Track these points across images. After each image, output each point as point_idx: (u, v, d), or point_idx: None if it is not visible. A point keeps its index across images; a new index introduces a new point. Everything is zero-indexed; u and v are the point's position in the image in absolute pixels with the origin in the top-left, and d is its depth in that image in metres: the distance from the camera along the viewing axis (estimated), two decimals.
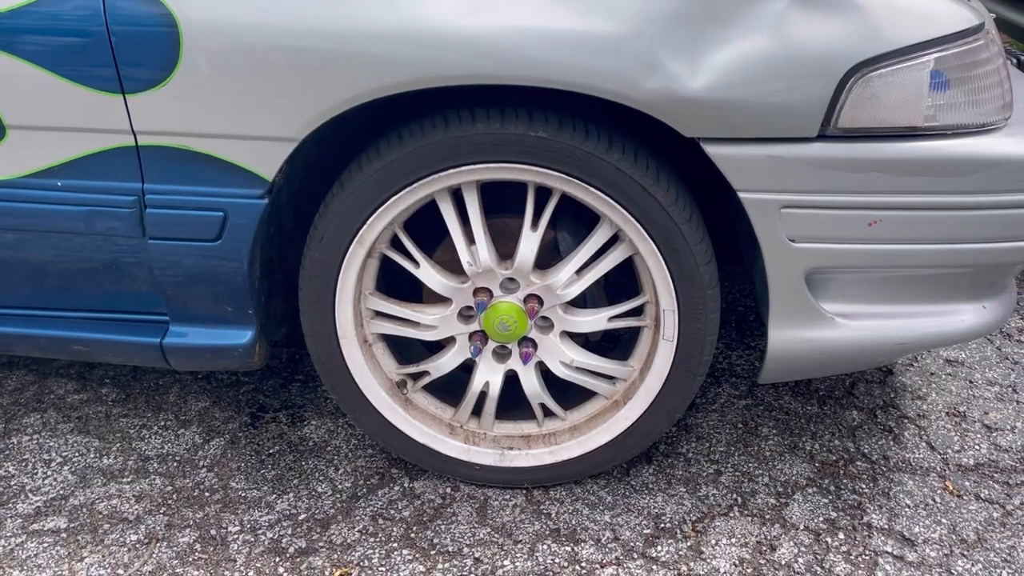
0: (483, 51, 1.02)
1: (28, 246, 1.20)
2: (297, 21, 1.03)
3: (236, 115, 1.07)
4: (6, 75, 1.07)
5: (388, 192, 1.13)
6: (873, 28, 1.04)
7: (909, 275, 1.18)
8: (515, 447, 1.31)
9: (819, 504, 1.30)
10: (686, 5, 1.02)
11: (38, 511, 1.28)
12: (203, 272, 1.18)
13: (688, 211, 1.13)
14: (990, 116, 1.10)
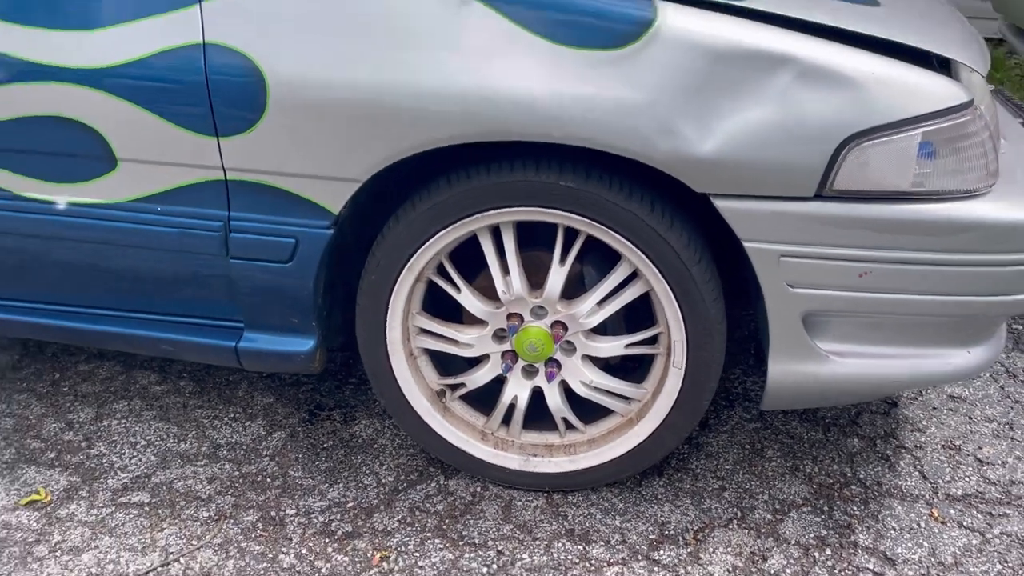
0: (526, 114, 1.18)
1: (129, 259, 1.40)
2: (368, 80, 1.21)
3: (310, 158, 1.26)
4: (120, 116, 1.27)
5: (436, 227, 1.30)
6: (867, 102, 1.18)
7: (898, 321, 1.31)
8: (539, 454, 1.47)
9: (811, 522, 1.43)
10: (699, 78, 1.17)
11: (125, 486, 1.48)
12: (275, 288, 1.37)
13: (698, 254, 1.28)
14: (974, 184, 1.23)
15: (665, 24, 1.18)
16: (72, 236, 1.38)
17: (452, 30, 1.20)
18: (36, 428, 1.62)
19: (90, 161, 1.31)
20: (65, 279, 1.46)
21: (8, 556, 1.33)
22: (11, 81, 1.28)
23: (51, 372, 1.79)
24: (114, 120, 1.27)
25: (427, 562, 1.34)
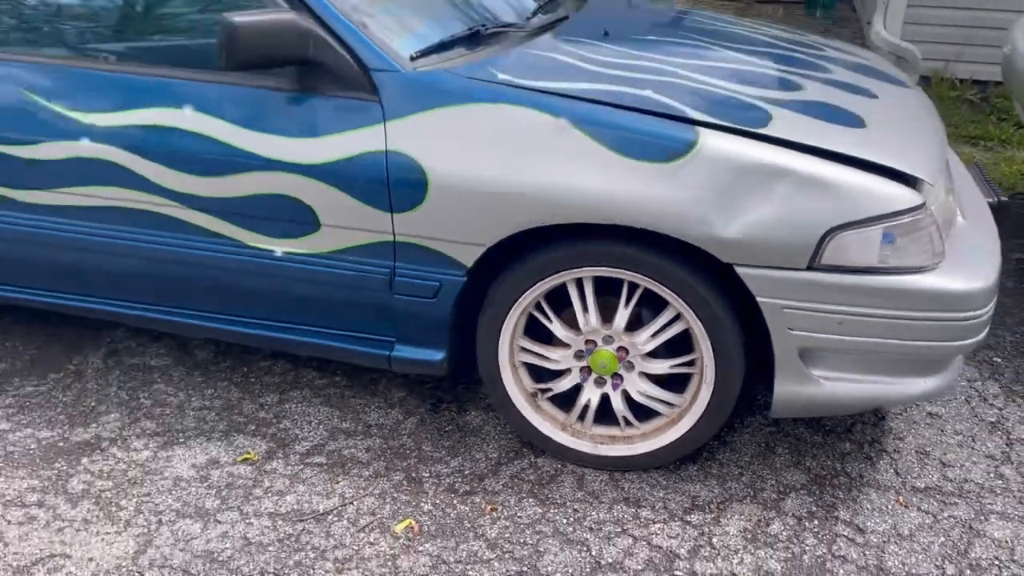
0: (605, 204, 1.72)
1: (321, 291, 1.98)
2: (496, 179, 1.76)
3: (454, 229, 1.82)
4: (326, 196, 1.85)
5: (537, 278, 1.85)
6: (845, 204, 1.68)
7: (870, 356, 1.80)
8: (604, 443, 2.01)
9: (806, 501, 1.94)
10: (726, 184, 1.69)
11: (308, 451, 2.08)
12: (422, 316, 1.93)
13: (724, 305, 1.80)
14: (924, 262, 1.72)
15: (704, 145, 1.71)
16: (283, 275, 1.97)
17: (555, 145, 1.75)
18: (238, 408, 2.23)
19: (302, 225, 1.89)
20: (275, 304, 2.05)
21: (235, 496, 1.93)
22: (250, 170, 1.87)
23: (240, 367, 2.40)
24: (321, 198, 1.85)
25: (523, 514, 1.89)
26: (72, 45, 2.02)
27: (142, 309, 2.16)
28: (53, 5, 2.05)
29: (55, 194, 2.01)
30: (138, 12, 2.05)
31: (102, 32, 2.04)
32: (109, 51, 1.98)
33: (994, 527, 1.88)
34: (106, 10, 2.07)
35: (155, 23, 2.06)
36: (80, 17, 2.04)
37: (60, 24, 2.03)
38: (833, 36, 6.59)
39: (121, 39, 2.01)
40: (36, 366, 2.40)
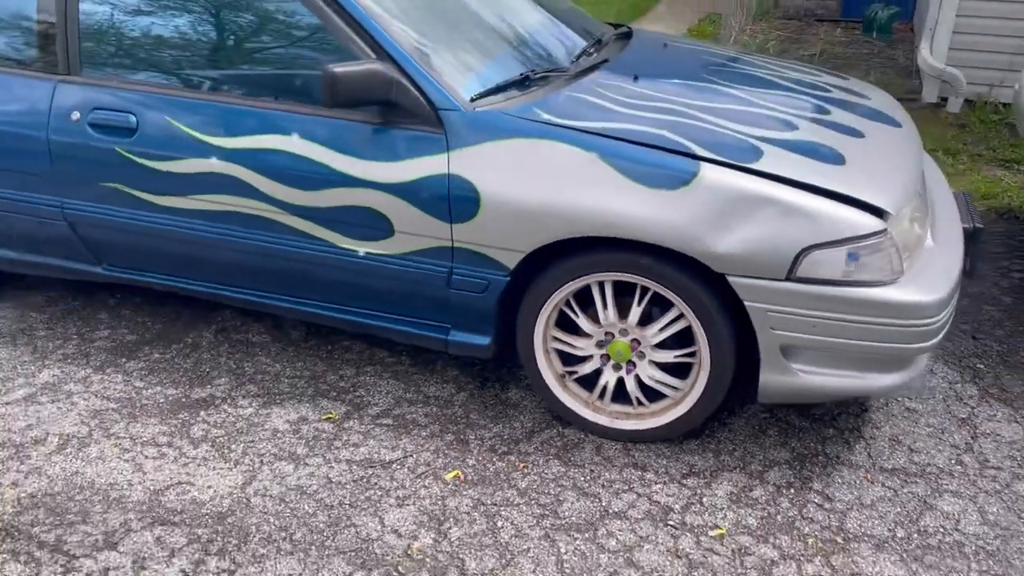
0: (625, 223, 2.14)
1: (394, 284, 2.44)
2: (535, 198, 2.19)
3: (500, 238, 2.26)
4: (400, 208, 2.31)
5: (567, 280, 2.28)
6: (818, 228, 2.07)
7: (840, 354, 2.18)
8: (620, 418, 2.43)
9: (786, 473, 2.32)
10: (721, 209, 2.09)
11: (378, 414, 2.55)
12: (473, 307, 2.38)
13: (719, 307, 2.20)
14: (884, 277, 2.09)
15: (705, 177, 2.12)
16: (363, 270, 2.44)
17: (585, 174, 2.17)
18: (323, 378, 2.72)
19: (380, 231, 2.36)
20: (356, 294, 2.52)
21: (320, 445, 2.41)
22: (342, 186, 2.34)
23: (325, 345, 2.89)
24: (396, 210, 2.32)
25: (549, 471, 2.33)
26: (205, 83, 2.52)
27: (250, 294, 2.66)
28: (189, 53, 2.56)
29: (187, 200, 2.52)
30: (257, 59, 2.54)
31: (228, 73, 2.53)
32: (234, 88, 2.48)
33: (946, 502, 2.23)
34: (231, 57, 2.57)
35: (270, 67, 2.55)
36: (210, 62, 2.55)
37: (194, 66, 2.54)
38: (886, 56, 6.84)
39: (243, 79, 2.51)
40: (161, 338, 2.94)
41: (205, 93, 2.49)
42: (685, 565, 2.03)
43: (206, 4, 2.51)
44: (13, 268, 2.95)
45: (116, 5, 2.57)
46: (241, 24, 2.49)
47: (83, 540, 2.09)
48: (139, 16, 2.56)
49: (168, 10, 2.53)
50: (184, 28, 2.52)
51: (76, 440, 2.43)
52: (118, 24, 2.58)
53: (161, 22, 2.53)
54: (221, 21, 2.50)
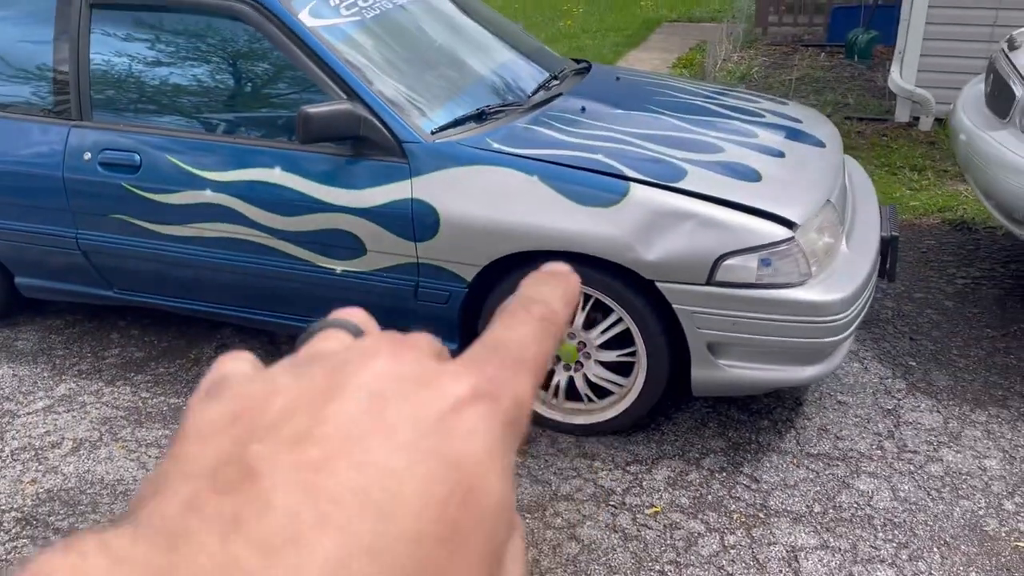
0: (563, 237, 2.43)
1: (366, 298, 2.74)
2: (485, 217, 2.49)
3: (458, 253, 2.55)
4: (370, 230, 2.61)
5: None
6: (732, 237, 2.34)
7: (760, 349, 2.44)
8: (572, 414, 2.70)
9: (721, 460, 2.58)
10: (648, 222, 2.37)
11: None
12: (438, 317, 2.67)
13: (651, 311, 2.47)
14: (793, 280, 2.36)
15: (633, 195, 2.40)
16: (341, 286, 2.74)
17: (528, 195, 2.47)
18: None
19: (354, 251, 2.66)
20: (325, 307, 2.81)
21: None
22: (319, 212, 2.65)
23: None
24: (367, 232, 2.62)
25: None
26: (199, 125, 2.85)
27: (243, 312, 2.97)
28: (185, 98, 2.89)
29: (186, 228, 2.84)
30: (243, 102, 2.86)
31: (219, 115, 2.86)
32: (224, 128, 2.81)
33: (862, 482, 2.48)
34: (221, 101, 2.90)
35: (253, 108, 2.87)
36: (203, 106, 2.88)
37: (190, 110, 2.87)
38: (866, 79, 7.11)
39: (232, 120, 2.83)
40: (166, 354, 3.25)
41: (199, 133, 2.81)
42: (620, 538, 2.29)
43: (199, 56, 2.84)
44: (36, 294, 3.28)
45: (122, 58, 2.91)
46: (229, 72, 2.82)
47: (93, 527, 2.38)
48: (142, 67, 2.90)
49: (166, 62, 2.87)
50: (180, 77, 2.85)
51: (88, 443, 2.73)
52: (124, 75, 2.92)
53: (160, 72, 2.87)
54: (212, 70, 2.84)
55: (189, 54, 2.85)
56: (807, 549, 2.24)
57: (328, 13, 2.80)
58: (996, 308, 3.44)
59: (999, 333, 3.25)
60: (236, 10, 2.74)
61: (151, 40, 2.89)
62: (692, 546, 2.26)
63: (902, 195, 4.65)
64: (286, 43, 2.68)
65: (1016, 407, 2.80)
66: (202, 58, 2.83)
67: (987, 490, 2.44)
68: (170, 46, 2.87)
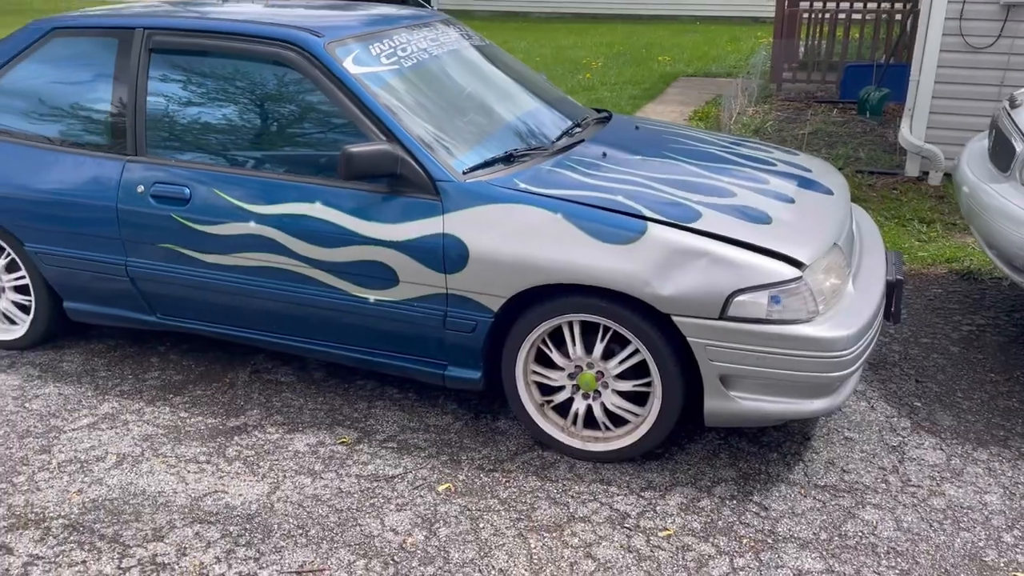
0: (586, 272, 2.58)
1: (398, 326, 2.90)
2: (512, 252, 2.65)
3: (485, 286, 2.71)
4: (403, 261, 2.78)
5: (542, 320, 2.72)
6: (744, 275, 2.50)
7: (771, 382, 2.57)
8: (590, 441, 2.83)
9: (731, 488, 2.69)
10: (665, 259, 2.53)
11: (384, 439, 2.97)
12: (465, 345, 2.83)
13: (667, 343, 2.62)
14: (801, 316, 2.50)
15: (651, 234, 2.57)
16: (374, 315, 2.91)
17: (552, 232, 2.64)
18: (339, 410, 3.16)
19: (387, 281, 2.83)
20: (368, 336, 2.98)
21: (334, 463, 2.84)
22: (356, 244, 2.83)
23: (342, 384, 3.35)
24: (400, 263, 2.79)
25: (527, 485, 2.72)
26: (246, 161, 3.05)
27: (277, 337, 3.14)
28: (233, 137, 3.09)
29: (229, 257, 3.02)
30: (287, 141, 3.07)
31: (264, 153, 3.06)
32: (269, 165, 3.01)
33: (867, 512, 2.59)
34: (266, 140, 3.10)
35: (296, 147, 3.07)
36: (249, 144, 3.08)
37: (237, 148, 3.07)
38: (877, 135, 7.30)
39: (276, 157, 3.03)
40: (203, 378, 3.41)
41: (245, 169, 3.02)
42: (635, 558, 2.41)
43: (247, 98, 3.06)
44: (82, 318, 3.47)
45: (174, 100, 3.14)
46: (274, 113, 3.03)
47: (135, 534, 2.52)
48: (192, 108, 3.12)
49: (215, 103, 3.09)
50: (229, 117, 3.07)
51: (131, 458, 2.89)
52: (176, 115, 3.14)
53: (209, 112, 3.09)
54: (259, 111, 3.05)
55: (238, 96, 3.06)
56: (813, 572, 2.35)
57: (370, 61, 3.02)
58: (1000, 354, 3.56)
59: (1002, 378, 3.37)
60: (285, 57, 2.97)
61: (203, 82, 3.11)
62: (703, 567, 2.37)
63: (911, 246, 4.80)
64: (331, 88, 2.89)
65: (1017, 447, 2.91)
66: (250, 100, 3.05)
67: (987, 523, 2.54)
68: (220, 88, 3.10)
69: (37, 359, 3.58)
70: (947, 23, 5.72)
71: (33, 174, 3.28)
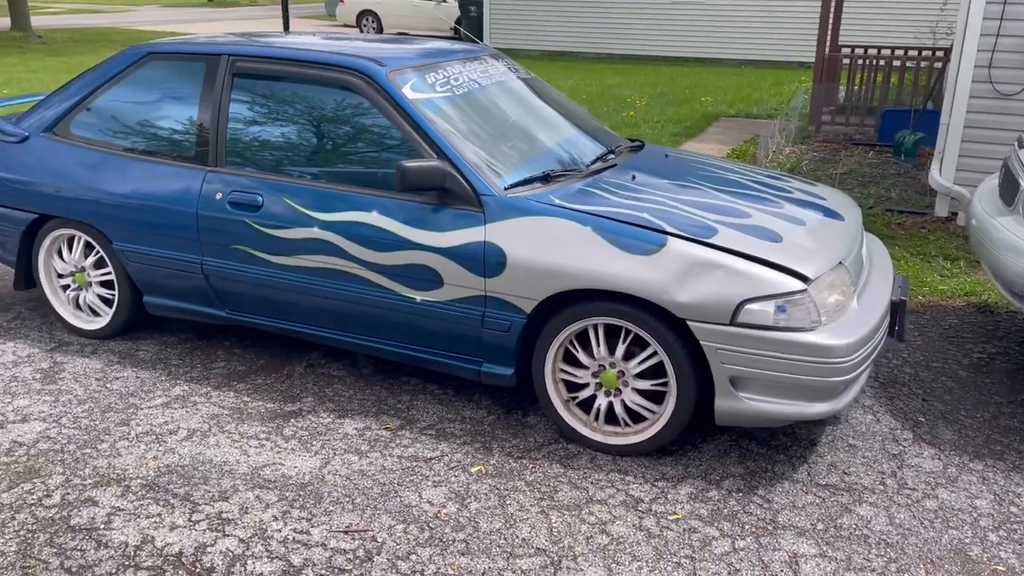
0: (611, 279, 2.88)
1: (440, 324, 3.22)
2: (545, 259, 2.97)
3: (520, 289, 3.03)
4: (449, 266, 3.11)
5: (570, 322, 3.02)
6: (754, 286, 2.77)
7: (777, 384, 2.83)
8: (611, 436, 3.10)
9: (739, 483, 2.94)
10: (683, 269, 2.82)
11: (424, 427, 3.28)
12: (500, 344, 3.13)
13: (682, 346, 2.89)
14: (805, 325, 2.77)
15: (671, 247, 2.87)
16: (420, 314, 3.24)
17: (582, 243, 2.95)
18: (385, 401, 3.48)
19: (433, 283, 3.16)
20: (414, 333, 3.31)
21: (378, 445, 3.15)
22: (407, 249, 3.17)
23: (388, 378, 3.67)
24: (445, 267, 3.12)
25: (551, 471, 3.00)
26: (312, 174, 3.42)
27: (332, 333, 3.49)
28: (302, 152, 3.47)
29: (294, 258, 3.39)
30: (348, 157, 3.43)
31: (328, 166, 3.43)
32: (332, 177, 3.37)
33: (863, 509, 2.82)
34: (330, 155, 3.47)
35: (357, 161, 3.44)
36: (315, 159, 3.45)
37: (305, 162, 3.45)
38: (910, 176, 7.50)
39: (339, 171, 3.40)
40: (264, 369, 3.77)
41: (312, 181, 3.39)
42: (645, 536, 2.67)
43: (315, 117, 3.44)
44: (159, 312, 3.86)
45: (252, 118, 3.54)
46: (339, 131, 3.41)
47: (204, 494, 2.86)
48: (267, 125, 3.51)
49: (287, 121, 3.48)
50: (298, 134, 3.45)
51: (199, 433, 3.24)
52: (252, 131, 3.53)
53: (281, 130, 3.48)
54: (324, 129, 3.43)
55: (307, 115, 3.45)
56: (807, 556, 2.58)
57: (425, 88, 3.38)
58: (1007, 380, 3.75)
59: (1006, 400, 3.57)
60: (351, 83, 3.35)
61: (277, 103, 3.51)
62: (706, 546, 2.62)
63: (932, 280, 5.01)
64: (390, 111, 3.26)
65: (1012, 460, 3.11)
66: (317, 119, 3.43)
67: (975, 524, 2.75)
68: (292, 108, 3.49)
69: (116, 347, 3.97)
70: (976, 71, 5.95)
71: (125, 181, 3.70)
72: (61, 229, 3.94)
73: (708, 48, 17.70)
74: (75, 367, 3.77)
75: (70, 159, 3.83)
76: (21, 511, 2.75)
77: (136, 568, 2.50)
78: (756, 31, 17.24)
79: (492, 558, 2.56)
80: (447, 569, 2.51)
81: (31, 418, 3.33)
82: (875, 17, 16.05)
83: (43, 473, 2.96)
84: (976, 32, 5.91)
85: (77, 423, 3.30)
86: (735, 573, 2.51)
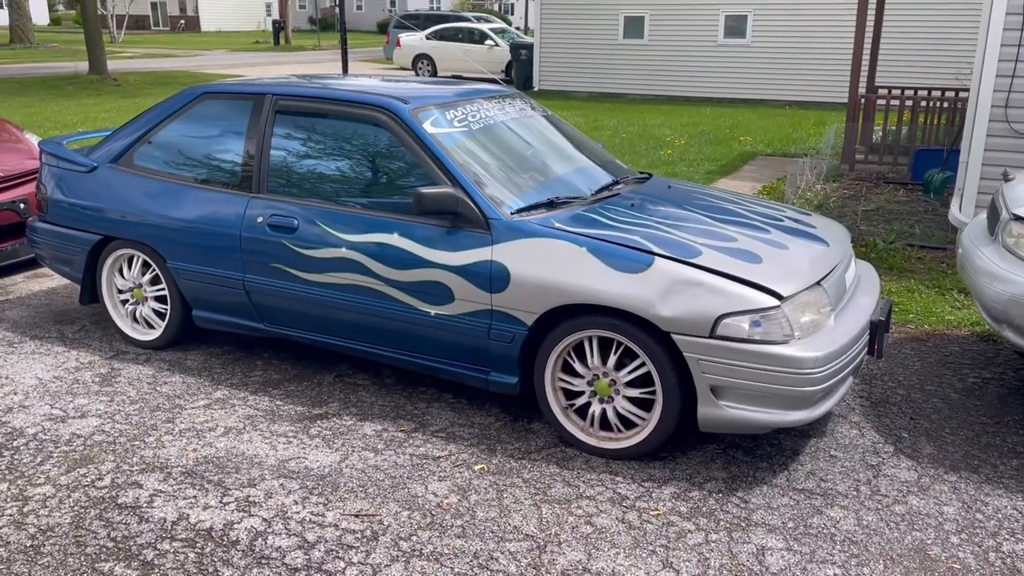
0: (601, 295, 3.18)
1: (450, 336, 3.54)
2: (543, 277, 3.28)
3: (523, 303, 3.34)
4: (458, 282, 3.45)
5: (568, 335, 3.32)
6: (731, 302, 3.04)
7: (755, 393, 3.07)
8: (604, 441, 3.37)
9: (720, 486, 3.18)
10: (668, 287, 3.10)
11: (436, 430, 3.59)
12: (504, 354, 3.44)
13: (667, 357, 3.16)
14: (778, 338, 3.02)
15: (657, 266, 3.16)
16: (434, 326, 3.57)
17: (577, 262, 3.26)
18: (403, 407, 3.81)
19: (445, 298, 3.50)
20: (429, 344, 3.64)
21: (394, 444, 3.47)
22: (423, 267, 3.52)
23: (407, 388, 4.00)
24: (456, 283, 3.46)
25: (548, 470, 3.28)
26: (341, 199, 3.81)
27: (355, 343, 3.84)
28: (332, 181, 3.86)
29: (324, 275, 3.76)
30: (372, 184, 3.81)
31: (355, 195, 3.81)
32: (358, 202, 3.75)
33: (834, 511, 3.03)
34: (357, 183, 3.85)
35: (380, 188, 3.81)
36: (344, 186, 3.84)
37: (335, 189, 3.83)
38: (937, 214, 7.63)
39: (364, 198, 3.78)
40: (296, 378, 4.14)
41: (340, 206, 3.77)
42: (626, 527, 2.92)
43: (346, 149, 3.84)
44: (206, 324, 4.27)
45: (291, 150, 3.95)
46: (365, 161, 3.79)
47: (235, 481, 3.21)
48: (304, 157, 3.92)
49: (320, 153, 3.88)
50: (330, 164, 3.85)
51: (235, 430, 3.60)
52: (291, 162, 3.94)
53: (316, 160, 3.88)
54: (353, 159, 3.82)
55: (339, 147, 3.85)
56: (774, 549, 2.81)
57: (444, 124, 3.76)
58: (997, 403, 3.91)
59: (992, 420, 3.74)
60: (377, 118, 3.75)
61: (314, 136, 3.92)
62: (682, 537, 2.87)
63: (942, 311, 5.17)
64: (411, 143, 3.64)
65: (986, 474, 3.28)
66: (349, 151, 3.83)
67: (940, 528, 2.94)
68: (327, 141, 3.89)
69: (167, 356, 4.39)
70: (993, 110, 6.13)
71: (179, 206, 4.14)
72: (122, 249, 4.39)
73: (752, 89, 17.95)
74: (130, 372, 4.19)
75: (132, 187, 4.29)
76: (76, 491, 3.13)
77: (172, 539, 2.85)
78: (801, 72, 17.45)
79: (484, 541, 2.84)
80: (443, 548, 2.80)
81: (89, 415, 3.74)
82: (913, 58, 16.15)
83: (96, 460, 3.35)
84: (992, 72, 6.10)
85: (129, 419, 3.69)
86: (704, 561, 2.74)
